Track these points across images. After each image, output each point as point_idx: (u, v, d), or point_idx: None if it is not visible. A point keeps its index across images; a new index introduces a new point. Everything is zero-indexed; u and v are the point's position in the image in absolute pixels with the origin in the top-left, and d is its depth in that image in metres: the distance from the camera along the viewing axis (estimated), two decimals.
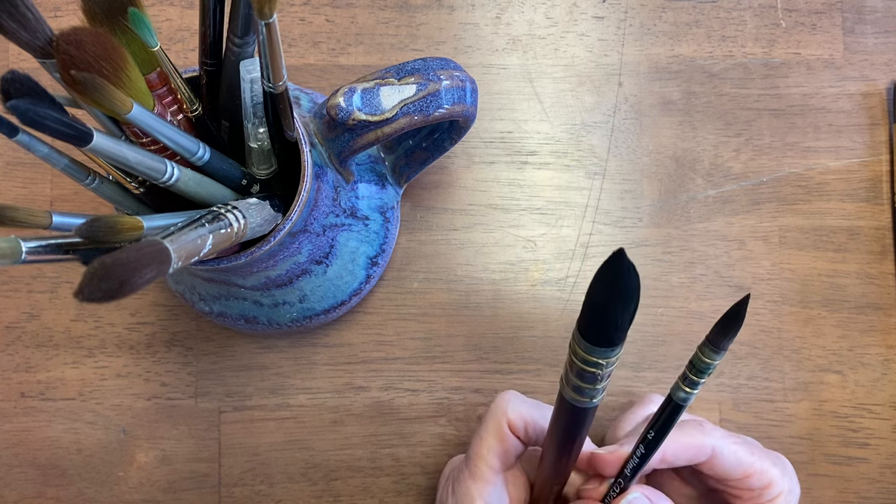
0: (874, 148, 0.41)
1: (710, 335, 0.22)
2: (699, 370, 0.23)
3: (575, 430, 0.24)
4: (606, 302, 0.19)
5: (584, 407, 0.22)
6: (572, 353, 0.20)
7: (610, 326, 0.19)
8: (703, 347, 0.23)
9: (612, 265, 0.18)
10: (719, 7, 0.42)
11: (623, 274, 0.18)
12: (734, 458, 0.28)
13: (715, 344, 0.22)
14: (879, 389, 0.40)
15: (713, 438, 0.28)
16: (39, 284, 0.40)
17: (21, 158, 0.40)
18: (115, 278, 0.17)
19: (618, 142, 0.41)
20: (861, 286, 0.40)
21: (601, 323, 0.19)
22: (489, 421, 0.29)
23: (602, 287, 0.19)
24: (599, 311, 0.19)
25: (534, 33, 0.42)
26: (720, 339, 0.22)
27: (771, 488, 0.29)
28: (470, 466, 0.29)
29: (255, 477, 0.39)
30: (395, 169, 0.37)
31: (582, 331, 0.20)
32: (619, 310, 0.19)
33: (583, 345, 0.20)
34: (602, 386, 0.21)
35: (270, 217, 0.27)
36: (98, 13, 0.23)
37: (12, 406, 0.39)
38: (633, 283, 0.18)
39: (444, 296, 0.40)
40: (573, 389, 0.21)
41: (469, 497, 0.28)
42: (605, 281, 0.19)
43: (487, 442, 0.29)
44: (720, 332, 0.22)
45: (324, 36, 0.41)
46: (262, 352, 0.40)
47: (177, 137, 0.24)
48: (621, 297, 0.18)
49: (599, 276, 0.19)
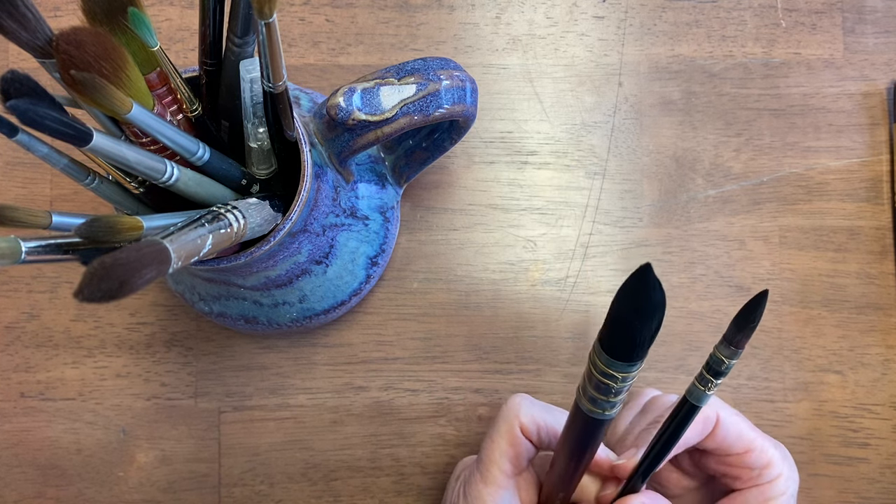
0: (874, 148, 0.41)
1: (727, 333, 0.22)
2: (716, 371, 0.23)
3: (588, 440, 0.24)
4: (629, 317, 0.18)
5: (600, 419, 0.22)
6: (591, 365, 0.20)
7: (631, 342, 0.19)
8: (719, 346, 0.23)
9: (638, 280, 0.18)
10: (719, 7, 0.42)
11: (648, 290, 0.18)
12: (736, 430, 0.28)
13: (731, 342, 0.22)
14: (879, 389, 0.40)
15: (715, 407, 0.28)
16: (39, 284, 0.40)
17: (21, 158, 0.40)
18: (115, 278, 0.17)
19: (618, 142, 0.41)
20: (861, 286, 0.40)
21: (623, 338, 0.19)
22: (501, 424, 0.29)
23: (626, 301, 0.18)
24: (622, 326, 0.19)
25: (534, 33, 0.42)
26: (735, 336, 0.22)
27: (770, 468, 0.29)
28: (482, 470, 0.29)
29: (255, 477, 0.39)
30: (395, 169, 0.37)
31: (603, 344, 0.19)
32: (641, 326, 0.18)
33: (603, 358, 0.19)
34: (619, 399, 0.21)
35: (270, 217, 0.27)
36: (98, 13, 0.23)
37: (12, 406, 0.39)
38: (658, 299, 0.18)
39: (444, 296, 0.40)
40: (589, 401, 0.21)
41: (481, 501, 0.28)
42: (630, 295, 0.18)
43: (500, 446, 0.29)
44: (736, 329, 0.22)
45: (324, 36, 0.41)
46: (262, 352, 0.40)
47: (176, 137, 0.24)
48: (645, 313, 0.18)
49: (624, 290, 0.18)
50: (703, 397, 0.24)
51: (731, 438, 0.28)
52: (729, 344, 0.22)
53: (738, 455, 0.29)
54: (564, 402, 0.39)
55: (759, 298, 0.22)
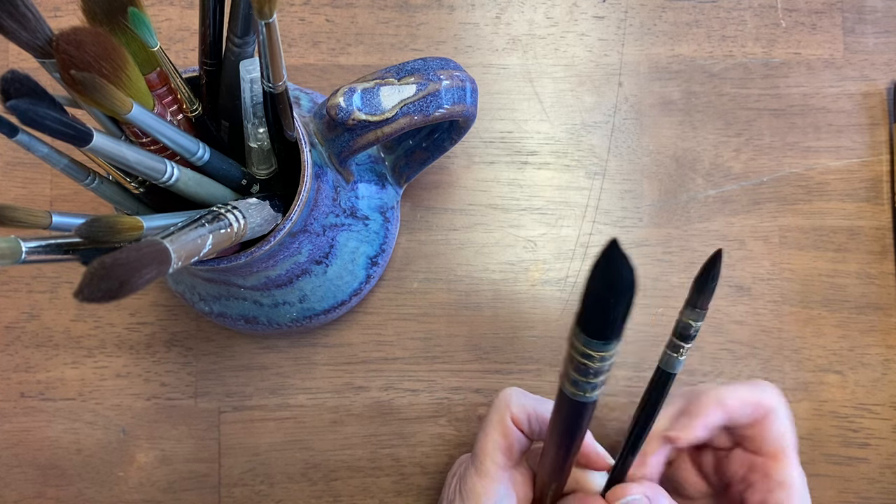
0: (874, 148, 0.41)
1: (690, 298, 0.23)
2: (684, 336, 0.24)
3: (574, 426, 0.24)
4: (601, 294, 0.18)
5: (583, 401, 0.22)
6: (570, 347, 0.20)
7: (605, 319, 0.19)
8: (684, 311, 0.24)
9: (606, 257, 0.18)
10: (719, 7, 0.42)
11: (617, 265, 0.18)
12: (779, 431, 0.29)
13: (695, 305, 0.23)
14: (879, 389, 0.40)
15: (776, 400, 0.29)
16: (39, 284, 0.40)
17: (21, 158, 0.40)
18: (115, 278, 0.17)
19: (618, 142, 0.41)
20: (861, 286, 0.40)
21: (597, 316, 0.19)
22: (493, 416, 0.29)
23: (597, 279, 0.19)
24: (594, 304, 0.19)
25: (534, 33, 0.42)
26: (697, 298, 0.23)
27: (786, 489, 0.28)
28: (476, 464, 0.29)
29: (255, 477, 0.39)
30: (395, 169, 0.37)
31: (579, 323, 0.19)
32: (613, 302, 0.18)
33: (580, 338, 0.19)
34: (600, 380, 0.21)
35: (270, 217, 0.27)
36: (98, 13, 0.23)
37: (12, 406, 0.39)
38: (628, 275, 0.18)
39: (444, 296, 0.40)
40: (571, 383, 0.21)
41: (475, 495, 0.28)
42: (600, 273, 0.18)
43: (492, 437, 0.29)
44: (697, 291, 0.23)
45: (324, 36, 0.41)
46: (262, 352, 0.40)
47: (177, 137, 0.24)
48: (616, 289, 0.18)
49: (594, 269, 0.18)
50: (675, 363, 0.25)
51: (771, 435, 0.28)
52: (693, 307, 0.23)
53: (764, 458, 0.29)
54: None
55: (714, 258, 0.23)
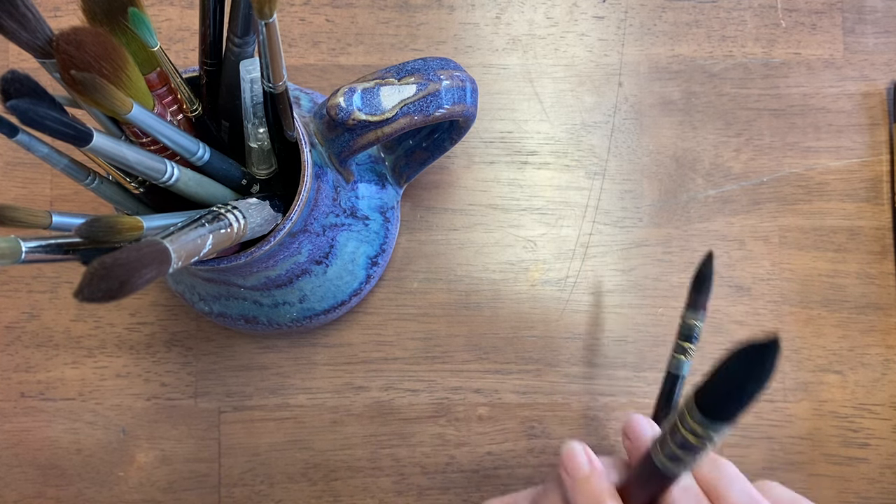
0: (874, 148, 0.41)
1: (689, 300, 0.24)
2: (689, 336, 0.24)
3: (656, 496, 0.23)
4: (743, 383, 0.18)
5: (671, 475, 0.21)
6: (680, 421, 0.19)
7: (733, 405, 0.18)
8: (686, 314, 0.25)
9: (763, 352, 0.18)
10: (719, 7, 0.42)
11: (770, 362, 0.17)
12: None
13: (696, 306, 0.23)
14: (879, 389, 0.40)
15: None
16: (39, 284, 0.40)
17: (21, 158, 0.40)
18: (115, 278, 0.17)
19: (618, 142, 0.41)
20: (861, 286, 0.40)
21: (730, 401, 0.18)
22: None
23: (743, 367, 0.18)
24: (733, 390, 0.18)
25: (534, 33, 0.42)
26: (696, 299, 0.23)
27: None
28: None
29: (255, 477, 0.39)
30: (395, 169, 0.37)
31: (701, 403, 0.19)
32: (749, 391, 0.18)
33: (697, 416, 0.19)
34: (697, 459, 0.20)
35: (270, 217, 0.27)
36: (98, 13, 0.23)
37: (12, 406, 0.39)
38: (770, 369, 0.18)
39: (444, 296, 0.40)
40: (668, 457, 0.20)
41: None
42: (749, 363, 0.18)
43: None
44: (696, 293, 0.24)
45: (324, 36, 0.41)
46: (262, 352, 0.40)
47: (177, 137, 0.24)
48: (760, 381, 0.18)
49: (743, 357, 0.18)
50: (683, 365, 0.25)
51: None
52: (695, 308, 0.23)
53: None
54: (565, 402, 0.39)
55: (706, 260, 0.23)
